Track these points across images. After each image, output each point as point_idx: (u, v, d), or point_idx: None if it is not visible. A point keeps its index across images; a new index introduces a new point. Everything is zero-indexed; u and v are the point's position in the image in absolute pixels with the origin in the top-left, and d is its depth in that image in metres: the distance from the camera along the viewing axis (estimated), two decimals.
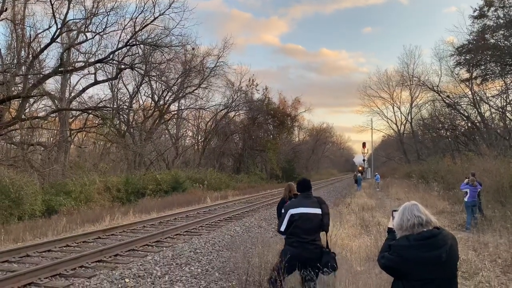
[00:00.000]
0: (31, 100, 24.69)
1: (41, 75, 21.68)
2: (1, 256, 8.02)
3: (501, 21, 24.61)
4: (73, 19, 22.99)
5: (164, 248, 9.31)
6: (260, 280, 5.80)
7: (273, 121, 50.33)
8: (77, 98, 27.60)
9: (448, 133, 38.15)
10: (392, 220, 3.17)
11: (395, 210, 3.23)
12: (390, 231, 3.07)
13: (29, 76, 20.58)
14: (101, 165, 27.32)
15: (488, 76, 27.85)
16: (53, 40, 21.25)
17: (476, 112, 31.39)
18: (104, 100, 30.69)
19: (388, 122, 52.75)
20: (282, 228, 4.74)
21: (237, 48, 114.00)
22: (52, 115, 24.79)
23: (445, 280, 2.57)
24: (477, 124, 31.62)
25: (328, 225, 4.64)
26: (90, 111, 26.06)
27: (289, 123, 53.02)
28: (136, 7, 25.28)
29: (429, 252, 2.52)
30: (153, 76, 30.57)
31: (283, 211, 4.89)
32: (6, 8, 19.00)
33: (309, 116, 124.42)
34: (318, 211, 4.60)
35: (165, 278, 7.04)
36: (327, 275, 4.63)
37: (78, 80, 41.05)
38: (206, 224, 13.06)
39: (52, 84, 28.50)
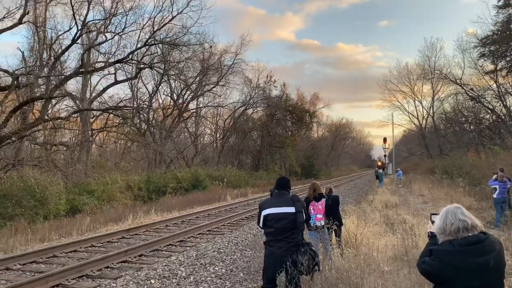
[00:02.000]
0: (54, 101, 25.09)
1: (62, 76, 21.99)
2: (30, 256, 8.13)
3: None
4: (92, 20, 23.27)
5: (188, 248, 9.31)
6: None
7: (291, 117, 50.08)
8: (98, 98, 27.99)
9: (471, 127, 37.21)
10: (431, 223, 3.04)
11: (434, 214, 3.09)
12: (432, 235, 2.95)
13: (51, 78, 20.89)
14: (122, 164, 27.63)
15: None
16: (73, 41, 21.53)
17: (502, 104, 30.52)
18: (124, 100, 31.07)
19: (409, 117, 51.77)
20: (261, 224, 4.75)
21: (252, 45, 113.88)
22: (74, 115, 25.15)
23: (491, 287, 2.43)
24: (503, 117, 30.74)
25: (303, 223, 4.56)
26: (110, 111, 26.35)
27: (307, 119, 52.69)
28: (154, 7, 25.45)
29: (476, 258, 2.39)
30: (172, 75, 30.73)
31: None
32: (28, 11, 19.30)
33: (327, 111, 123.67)
34: (291, 209, 4.52)
35: (190, 279, 7.01)
36: (311, 275, 4.51)
37: (99, 80, 41.51)
38: (228, 223, 13.05)
39: (73, 85, 28.94)
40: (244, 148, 44.55)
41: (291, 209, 4.53)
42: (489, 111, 32.44)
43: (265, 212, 4.62)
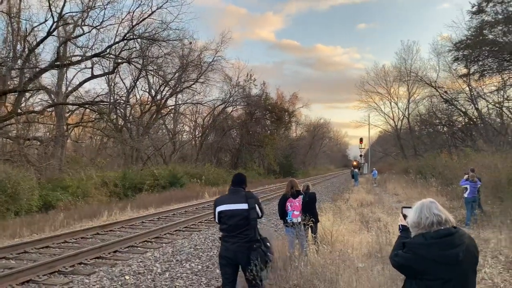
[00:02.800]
0: (27, 95, 24.45)
1: (37, 69, 21.46)
2: None
3: (500, 17, 24.58)
4: (69, 12, 22.83)
5: (164, 244, 9.24)
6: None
7: (270, 116, 50.24)
8: (74, 93, 27.43)
9: (445, 129, 38.19)
10: (402, 217, 3.09)
11: (405, 207, 3.14)
12: (403, 229, 2.99)
13: (25, 70, 20.36)
14: (98, 160, 27.13)
15: (485, 72, 27.84)
16: (49, 33, 21.04)
17: (474, 107, 31.40)
18: (101, 95, 30.48)
19: (385, 118, 52.72)
20: (217, 220, 4.74)
21: (233, 44, 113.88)
22: (48, 109, 24.56)
23: (461, 280, 2.49)
24: (474, 119, 31.65)
25: (255, 219, 4.53)
26: (87, 106, 25.88)
27: (286, 118, 52.97)
28: (133, 1, 25.05)
29: (446, 251, 2.44)
30: (150, 70, 30.39)
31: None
32: (2, 1, 18.75)
33: (306, 111, 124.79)
34: (244, 206, 4.51)
35: (165, 275, 6.96)
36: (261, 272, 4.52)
37: (75, 74, 40.76)
38: (206, 220, 12.99)
39: (48, 78, 28.41)
40: (223, 146, 44.46)
41: (244, 206, 4.51)
42: (462, 114, 33.36)
43: (219, 208, 4.61)
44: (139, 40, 26.26)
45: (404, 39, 59.31)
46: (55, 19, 21.00)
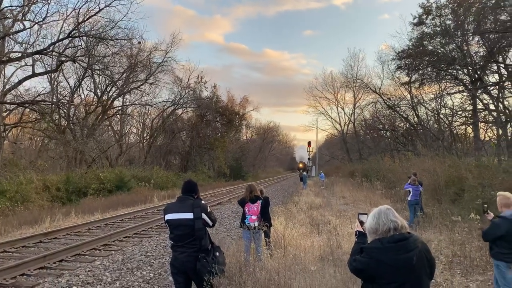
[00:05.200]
0: None
1: None
2: None
3: (438, 29, 26.20)
4: (8, 6, 21.40)
5: (113, 252, 8.91)
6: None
7: (221, 119, 50.15)
8: (12, 91, 25.70)
9: (388, 134, 40.10)
10: (359, 223, 3.22)
11: (362, 214, 3.27)
12: (360, 234, 3.11)
13: None
14: (39, 163, 25.68)
15: (425, 81, 29.53)
16: None
17: (414, 114, 33.22)
18: (42, 94, 28.86)
19: (332, 122, 54.54)
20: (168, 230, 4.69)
21: (182, 45, 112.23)
22: None
23: (415, 283, 2.61)
24: (415, 125, 33.47)
25: (201, 229, 4.43)
26: (26, 105, 24.43)
27: (237, 121, 53.16)
28: None
29: (401, 255, 2.55)
30: (97, 69, 29.25)
31: None
32: None
33: (256, 115, 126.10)
34: (189, 215, 4.43)
35: (116, 284, 6.72)
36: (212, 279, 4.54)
37: (14, 72, 38.22)
38: (156, 226, 12.68)
39: None
40: (173, 148, 43.70)
41: (189, 215, 4.42)
42: (404, 120, 35.18)
43: (166, 217, 4.52)
44: (85, 38, 25.19)
45: (350, 47, 62.01)
46: None
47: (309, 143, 62.74)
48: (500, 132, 23.23)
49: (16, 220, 13.32)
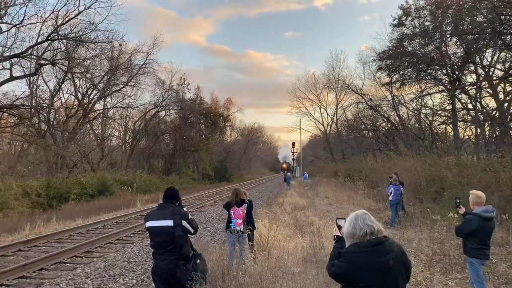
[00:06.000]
0: None
1: None
2: None
3: (417, 30, 26.66)
4: None
5: (95, 259, 8.79)
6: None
7: (205, 121, 49.98)
8: None
9: (370, 134, 40.60)
10: (337, 227, 3.26)
11: (339, 218, 3.31)
12: (338, 239, 3.15)
13: None
14: (18, 168, 25.14)
15: (405, 81, 30.01)
16: None
17: (395, 114, 33.73)
18: (21, 98, 28.23)
19: (315, 123, 54.95)
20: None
21: (163, 47, 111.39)
22: None
23: (392, 286, 2.66)
24: (396, 125, 33.98)
25: (181, 237, 4.40)
26: (4, 109, 23.89)
27: (221, 123, 53.04)
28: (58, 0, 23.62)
29: (377, 259, 2.60)
30: (77, 73, 28.84)
31: None
32: None
33: (240, 116, 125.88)
34: (169, 223, 4.40)
35: None
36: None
37: None
38: (139, 231, 12.55)
39: None
40: (156, 151, 43.33)
41: (169, 223, 4.39)
42: (385, 120, 35.69)
43: (147, 224, 4.50)
44: (64, 41, 24.82)
45: (332, 48, 62.83)
46: None
47: (293, 144, 63.08)
48: (478, 131, 23.74)
49: None
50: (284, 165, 59.11)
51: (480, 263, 5.39)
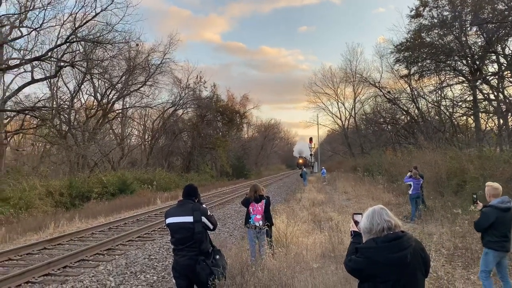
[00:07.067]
0: None
1: None
2: None
3: (435, 21, 26.13)
4: (5, 14, 21.48)
5: (117, 256, 8.96)
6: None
7: (222, 118, 50.21)
8: (12, 98, 25.81)
9: (389, 127, 40.06)
10: (353, 223, 3.24)
11: (356, 214, 3.30)
12: (355, 234, 3.14)
13: None
14: (41, 169, 25.79)
15: (424, 73, 29.52)
16: None
17: (415, 106, 33.19)
18: (42, 100, 28.99)
19: (333, 117, 54.54)
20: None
21: (179, 46, 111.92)
22: None
23: (410, 281, 2.64)
24: (416, 118, 33.43)
25: (201, 232, 4.47)
26: (27, 112, 24.51)
27: (238, 120, 53.19)
28: (76, 2, 23.97)
29: (395, 254, 2.59)
30: (95, 73, 29.35)
31: None
32: None
33: (257, 112, 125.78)
34: (189, 219, 4.48)
35: None
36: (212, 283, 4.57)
37: (13, 79, 38.30)
38: (159, 228, 12.73)
39: None
40: (174, 149, 43.79)
41: (189, 219, 4.47)
42: (404, 113, 35.15)
43: (167, 221, 4.59)
44: (82, 42, 25.28)
45: (348, 41, 62.04)
46: None
47: (310, 139, 62.85)
48: (501, 122, 23.17)
49: (20, 227, 13.40)
50: (300, 160, 58.37)
51: (496, 255, 5.29)
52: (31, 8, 21.09)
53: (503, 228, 5.23)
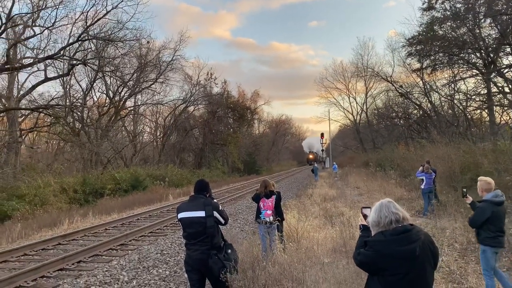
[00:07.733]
0: None
1: None
2: None
3: (448, 13, 25.71)
4: (19, 13, 21.78)
5: (130, 252, 9.08)
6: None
7: (233, 114, 50.29)
8: (27, 96, 26.26)
9: (401, 122, 39.65)
10: (362, 217, 3.24)
11: (365, 207, 3.29)
12: (364, 228, 3.14)
13: None
14: (55, 166, 26.18)
15: (437, 66, 29.09)
16: None
17: (427, 100, 32.78)
18: (55, 98, 29.44)
19: (344, 112, 54.08)
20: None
21: (189, 42, 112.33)
22: None
23: (419, 274, 2.64)
24: (429, 112, 33.02)
25: (213, 227, 4.51)
26: (41, 110, 24.87)
27: (249, 116, 53.22)
28: (87, 0, 24.21)
29: (404, 246, 2.59)
30: (107, 71, 29.62)
31: None
32: None
33: (268, 108, 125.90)
34: (201, 213, 4.53)
35: (132, 283, 6.87)
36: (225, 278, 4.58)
37: (27, 78, 39.08)
38: (171, 224, 12.84)
39: None
40: (186, 146, 44.05)
41: (201, 213, 4.52)
42: (417, 107, 34.74)
43: (179, 216, 4.63)
44: (94, 40, 25.51)
45: (359, 36, 61.40)
46: (3, 21, 20.02)
47: (322, 135, 62.50)
48: None
49: (35, 223, 13.65)
50: (311, 156, 57.86)
51: (493, 251, 5.24)
52: (43, 7, 21.35)
53: (498, 222, 5.20)
